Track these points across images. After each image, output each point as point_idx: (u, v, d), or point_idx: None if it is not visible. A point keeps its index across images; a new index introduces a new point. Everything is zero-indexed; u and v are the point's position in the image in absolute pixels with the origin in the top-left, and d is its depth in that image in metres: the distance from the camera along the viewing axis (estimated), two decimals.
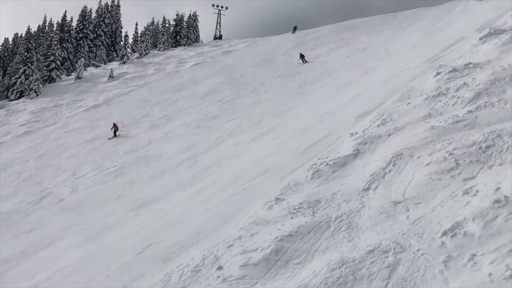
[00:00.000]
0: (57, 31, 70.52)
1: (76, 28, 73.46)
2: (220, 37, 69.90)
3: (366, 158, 14.12)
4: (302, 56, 44.25)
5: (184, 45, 66.94)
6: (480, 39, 22.17)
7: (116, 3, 77.08)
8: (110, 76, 52.00)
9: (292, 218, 11.79)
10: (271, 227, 11.61)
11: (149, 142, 31.73)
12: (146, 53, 61.18)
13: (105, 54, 71.91)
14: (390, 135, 14.85)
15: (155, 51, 63.69)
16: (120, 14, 77.60)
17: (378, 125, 15.89)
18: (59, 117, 42.20)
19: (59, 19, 75.47)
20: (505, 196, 9.04)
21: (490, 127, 12.73)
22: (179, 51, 62.27)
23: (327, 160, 14.46)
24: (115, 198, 22.99)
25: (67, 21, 73.23)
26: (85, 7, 74.15)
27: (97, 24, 74.37)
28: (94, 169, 28.76)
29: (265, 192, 14.35)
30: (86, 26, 73.62)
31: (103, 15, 75.02)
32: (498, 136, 11.74)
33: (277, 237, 10.75)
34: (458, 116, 13.92)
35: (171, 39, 69.40)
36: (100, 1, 74.93)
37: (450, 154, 11.59)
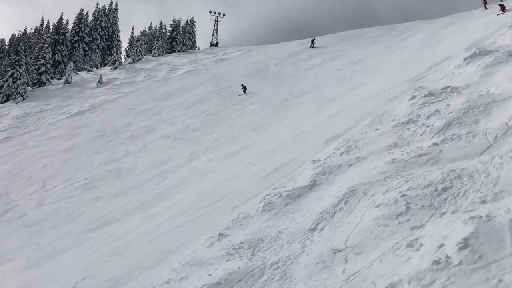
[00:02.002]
0: (52, 34, 69.77)
1: (72, 31, 72.73)
2: (217, 44, 68.96)
3: (322, 190, 13.08)
4: (244, 88, 40.72)
5: (179, 51, 66.01)
6: (465, 59, 21.13)
7: (113, 6, 76.33)
8: (99, 81, 51.07)
9: (228, 260, 10.76)
10: (204, 270, 10.61)
11: (126, 153, 30.71)
12: (139, 59, 60.25)
13: (100, 58, 71.10)
14: (350, 165, 13.81)
15: (149, 57, 62.78)
16: (118, 18, 76.83)
17: (341, 153, 14.86)
18: (41, 123, 41.25)
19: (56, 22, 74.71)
20: (447, 257, 7.87)
21: (453, 164, 11.63)
22: (172, 58, 61.30)
23: (282, 191, 13.48)
24: (77, 215, 21.95)
25: (63, 24, 72.46)
26: (82, 10, 73.43)
27: (93, 27, 73.63)
28: (65, 181, 27.74)
29: (213, 224, 13.38)
30: (82, 29, 72.91)
31: (100, 19, 74.29)
32: (458, 177, 10.61)
33: (204, 285, 9.69)
34: (422, 149, 12.83)
35: (167, 45, 68.50)
36: (97, 5, 74.19)
37: (403, 196, 10.46)
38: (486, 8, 44.05)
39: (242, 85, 40.81)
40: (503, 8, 39.27)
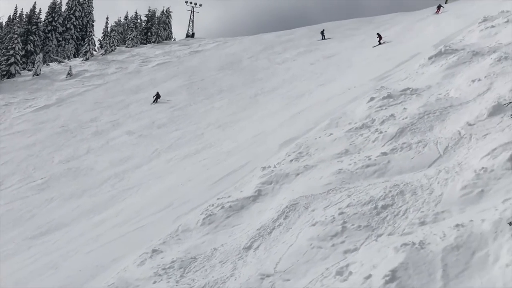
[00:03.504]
0: (25, 24, 68.04)
1: (45, 21, 70.97)
2: (193, 35, 67.77)
3: (265, 202, 12.39)
4: (156, 96, 37.80)
5: (154, 42, 64.73)
6: (430, 58, 20.62)
7: None
8: (68, 73, 49.75)
9: (154, 282, 10.07)
10: None
11: (87, 150, 29.73)
12: (112, 50, 58.89)
13: (74, 48, 69.53)
14: (298, 174, 13.14)
15: (123, 48, 61.45)
16: (93, 7, 75.12)
17: (291, 160, 14.18)
18: (6, 118, 39.99)
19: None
20: None
21: (399, 177, 10.98)
22: (146, 49, 60.07)
23: (225, 201, 12.79)
24: (27, 218, 21.00)
25: (36, 13, 70.67)
26: None
27: (67, 16, 71.95)
28: (22, 179, 26.72)
29: (152, 236, 12.64)
30: (56, 18, 71.22)
31: (74, 8, 72.59)
32: (400, 193, 9.94)
33: None
34: (370, 159, 12.18)
35: (142, 36, 67.15)
36: None
37: (341, 214, 9.79)
38: (438, 13, 44.11)
39: (157, 93, 38.35)
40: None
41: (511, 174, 9.17)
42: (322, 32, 50.40)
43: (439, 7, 45.38)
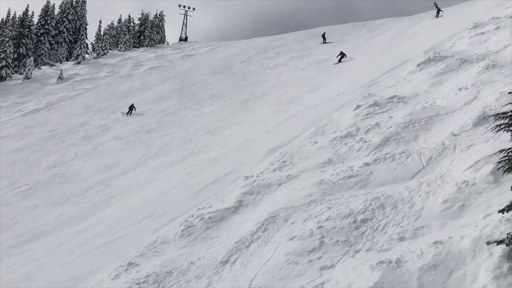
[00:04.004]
0: (17, 27, 67.55)
1: (37, 24, 70.48)
2: (186, 39, 67.44)
3: (246, 213, 12.12)
4: (131, 109, 35.72)
5: (147, 46, 64.36)
6: (418, 65, 20.44)
7: None
8: (59, 77, 49.31)
9: None
10: None
11: (75, 156, 29.31)
12: (104, 53, 58.49)
13: (66, 51, 69.08)
14: (280, 184, 12.89)
15: (115, 51, 61.03)
16: (86, 10, 74.67)
17: (275, 169, 13.93)
18: None
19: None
20: None
21: (381, 188, 10.71)
22: (139, 53, 59.69)
23: (206, 212, 12.54)
24: (10, 226, 20.58)
25: (29, 16, 70.17)
26: (48, 2, 71.21)
27: (60, 20, 71.50)
28: (8, 185, 26.26)
29: (130, 248, 12.37)
30: (48, 21, 70.73)
31: (67, 11, 72.14)
32: (381, 206, 9.67)
33: None
34: (353, 169, 11.92)
35: (135, 39, 66.79)
36: None
37: (319, 228, 9.52)
38: (438, 16, 43.67)
39: (132, 104, 36.23)
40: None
41: (493, 188, 8.91)
42: (323, 35, 49.82)
43: (438, 11, 44.79)
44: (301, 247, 9.12)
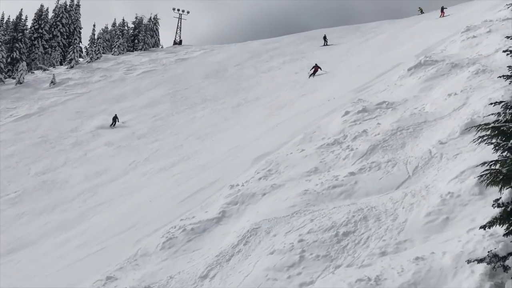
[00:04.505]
0: (10, 31, 67.18)
1: (31, 28, 70.08)
2: (180, 43, 67.15)
3: (229, 224, 11.85)
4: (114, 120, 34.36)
5: (141, 49, 64.06)
6: (409, 69, 20.19)
7: (76, 2, 73.81)
8: (52, 82, 48.98)
9: None
10: None
11: (64, 162, 29.04)
12: (98, 58, 58.16)
13: (60, 55, 68.69)
14: (264, 194, 12.62)
15: (109, 55, 60.72)
16: (80, 14, 74.18)
17: (260, 178, 13.66)
18: None
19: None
20: None
21: (365, 199, 10.45)
22: (132, 57, 59.40)
23: (188, 223, 12.28)
24: None
25: (22, 20, 69.80)
26: (42, 6, 70.82)
27: (54, 24, 71.08)
28: None
29: (111, 260, 12.08)
30: (42, 25, 70.28)
31: (61, 15, 71.71)
32: (364, 219, 9.40)
33: None
34: (338, 179, 11.66)
35: (129, 43, 66.46)
36: (58, 1, 71.59)
37: (300, 241, 9.24)
38: (443, 16, 43.02)
39: (115, 115, 34.69)
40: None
41: (478, 200, 8.65)
42: (324, 37, 49.30)
43: (442, 9, 43.90)
44: (281, 262, 8.85)
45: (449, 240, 7.88)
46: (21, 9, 72.29)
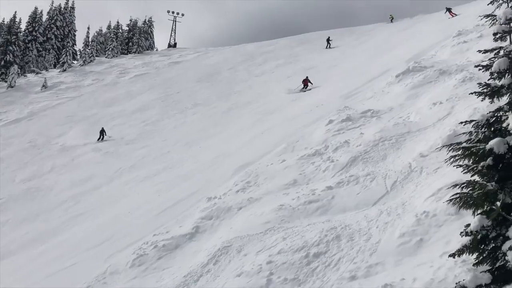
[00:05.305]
0: (4, 33, 66.71)
1: (25, 31, 69.62)
2: (175, 45, 66.76)
3: (202, 240, 11.42)
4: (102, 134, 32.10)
5: (135, 52, 63.64)
6: (397, 76, 19.83)
7: (70, 5, 73.40)
8: (43, 85, 48.53)
9: None
10: None
11: (51, 168, 28.59)
12: (91, 61, 57.73)
13: (54, 58, 68.21)
14: (240, 208, 12.18)
15: (102, 58, 60.29)
16: (75, 16, 73.78)
17: (238, 191, 13.25)
18: None
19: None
20: None
21: (341, 216, 10.02)
22: (126, 60, 58.96)
23: (160, 239, 11.83)
24: None
25: (16, 23, 69.33)
26: (36, 8, 70.40)
27: (48, 26, 70.63)
28: None
29: (79, 278, 11.62)
30: (36, 28, 69.85)
31: (55, 17, 71.27)
32: (336, 238, 8.97)
33: None
34: (314, 193, 11.22)
35: (123, 46, 66.02)
36: (52, 3, 71.16)
37: (269, 263, 8.82)
38: (452, 16, 40.65)
39: (102, 129, 32.36)
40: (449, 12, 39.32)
41: (454, 220, 8.22)
42: (328, 40, 48.12)
43: (449, 10, 40.21)
44: (248, 285, 8.42)
45: (422, 265, 7.45)
46: (15, 12, 71.96)
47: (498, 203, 5.88)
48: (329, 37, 48.41)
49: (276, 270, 8.53)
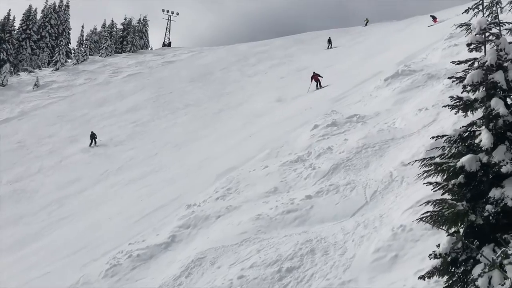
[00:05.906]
0: None
1: (19, 29, 69.20)
2: (169, 45, 66.35)
3: (177, 250, 11.12)
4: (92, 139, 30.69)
5: (129, 51, 63.23)
6: (386, 80, 19.51)
7: (65, 3, 72.97)
8: (35, 84, 48.14)
9: None
10: None
11: (38, 170, 28.29)
12: (84, 59, 57.32)
13: (48, 57, 67.78)
14: (219, 217, 11.88)
15: (96, 57, 59.88)
16: (69, 15, 73.39)
17: (217, 198, 12.94)
18: None
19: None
20: None
21: (319, 226, 9.73)
22: (120, 59, 58.55)
23: (135, 249, 11.53)
24: None
25: (10, 21, 68.94)
26: (30, 6, 69.98)
27: (42, 24, 70.22)
28: None
29: None
30: (30, 26, 69.45)
31: (49, 16, 70.87)
32: (311, 252, 8.67)
33: None
34: (293, 203, 10.91)
35: (117, 45, 65.59)
36: (47, 1, 70.73)
37: (240, 277, 8.52)
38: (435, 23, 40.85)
39: (91, 133, 30.94)
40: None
41: (430, 235, 7.92)
42: (329, 40, 47.61)
43: (434, 18, 41.02)
44: None
45: (395, 283, 7.16)
46: (9, 10, 71.54)
47: (461, 231, 5.64)
48: (330, 38, 47.83)
49: (246, 285, 8.23)
